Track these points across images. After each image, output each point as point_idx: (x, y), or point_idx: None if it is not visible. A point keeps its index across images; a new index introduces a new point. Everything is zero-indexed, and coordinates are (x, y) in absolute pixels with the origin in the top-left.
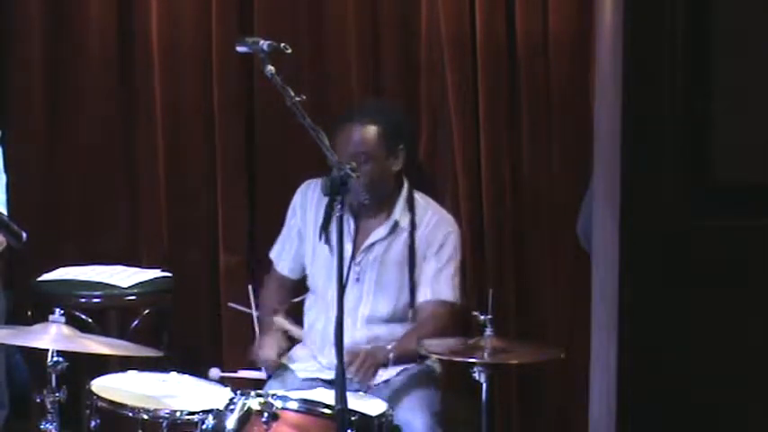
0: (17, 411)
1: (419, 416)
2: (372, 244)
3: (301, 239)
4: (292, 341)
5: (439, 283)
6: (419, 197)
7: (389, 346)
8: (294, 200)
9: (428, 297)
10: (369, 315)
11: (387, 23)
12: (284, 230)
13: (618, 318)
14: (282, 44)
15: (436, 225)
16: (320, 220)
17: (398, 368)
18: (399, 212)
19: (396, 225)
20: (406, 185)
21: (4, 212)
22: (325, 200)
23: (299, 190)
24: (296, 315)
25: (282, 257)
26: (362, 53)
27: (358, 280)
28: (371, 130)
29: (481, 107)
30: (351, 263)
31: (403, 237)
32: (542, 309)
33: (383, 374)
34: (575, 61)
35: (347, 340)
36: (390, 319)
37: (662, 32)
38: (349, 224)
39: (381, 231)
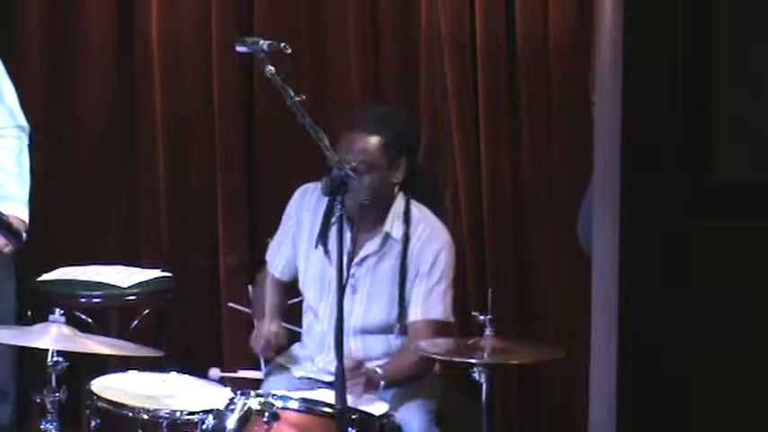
0: (18, 412)
1: (415, 416)
2: (365, 257)
3: (294, 245)
4: (292, 337)
5: (429, 302)
6: (416, 209)
7: (380, 371)
8: (290, 203)
9: (418, 317)
10: (361, 326)
11: (387, 23)
12: (279, 233)
13: (618, 318)
14: (282, 44)
15: (428, 240)
16: (316, 227)
17: None
18: (390, 224)
19: (387, 237)
20: (401, 197)
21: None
22: (323, 206)
23: (295, 194)
24: (295, 315)
25: (276, 260)
26: (362, 53)
27: (354, 291)
28: (374, 140)
29: (481, 107)
30: (348, 274)
31: (395, 250)
32: (542, 309)
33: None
34: (575, 61)
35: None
36: (384, 331)
37: (662, 32)
38: (345, 234)
39: (374, 245)
